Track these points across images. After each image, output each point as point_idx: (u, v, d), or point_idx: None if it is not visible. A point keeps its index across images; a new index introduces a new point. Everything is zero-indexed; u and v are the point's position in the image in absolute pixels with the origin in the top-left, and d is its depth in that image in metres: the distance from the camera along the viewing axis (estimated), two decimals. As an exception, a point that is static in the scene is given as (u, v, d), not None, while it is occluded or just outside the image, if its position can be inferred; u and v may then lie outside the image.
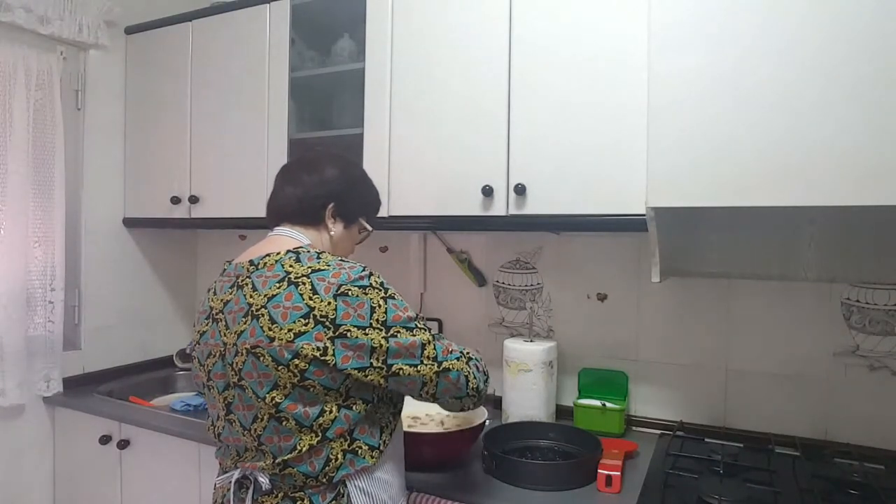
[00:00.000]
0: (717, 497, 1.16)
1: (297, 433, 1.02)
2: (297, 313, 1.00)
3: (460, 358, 1.09)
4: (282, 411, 1.01)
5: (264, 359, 1.00)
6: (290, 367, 0.99)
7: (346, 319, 1.00)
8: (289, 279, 1.04)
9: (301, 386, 1.00)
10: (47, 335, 1.90)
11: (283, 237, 1.16)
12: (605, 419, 1.60)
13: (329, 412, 1.02)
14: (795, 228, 1.49)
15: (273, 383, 1.01)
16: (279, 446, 1.03)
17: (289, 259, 1.07)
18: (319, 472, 1.02)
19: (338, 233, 1.21)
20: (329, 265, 1.05)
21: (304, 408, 1.01)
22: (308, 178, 1.20)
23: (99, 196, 2.10)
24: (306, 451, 1.01)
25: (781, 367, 1.54)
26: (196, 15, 1.99)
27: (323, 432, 1.02)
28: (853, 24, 1.01)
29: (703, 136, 1.12)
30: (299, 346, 0.98)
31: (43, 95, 1.88)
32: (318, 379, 1.00)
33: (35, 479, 1.92)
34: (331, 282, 1.02)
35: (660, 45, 1.15)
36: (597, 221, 1.40)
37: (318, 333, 0.99)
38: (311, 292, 1.01)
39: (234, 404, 1.07)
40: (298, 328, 0.99)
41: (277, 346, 0.99)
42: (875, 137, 0.99)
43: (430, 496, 1.25)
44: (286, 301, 1.01)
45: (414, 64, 1.61)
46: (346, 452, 1.04)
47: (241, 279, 1.09)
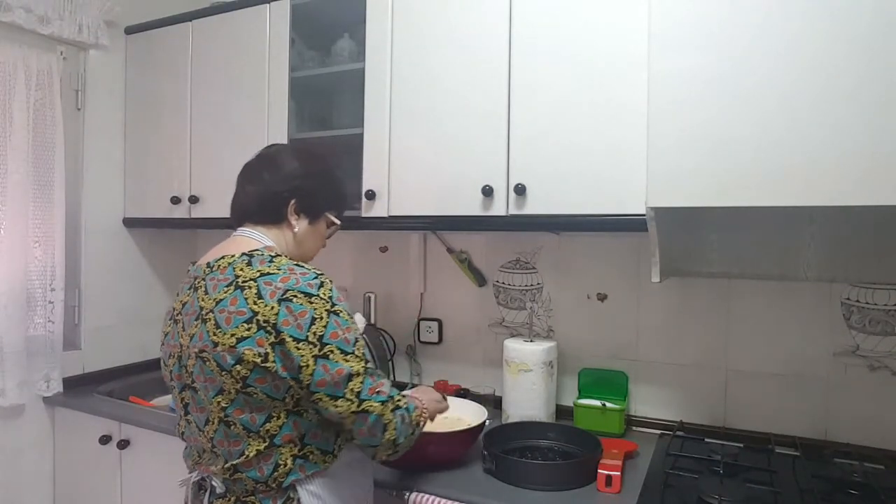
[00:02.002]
0: (717, 497, 1.16)
1: (245, 438, 1.00)
2: (241, 318, 0.98)
3: (386, 402, 1.02)
4: (229, 416, 1.00)
5: (209, 363, 0.99)
6: (233, 372, 0.97)
7: (286, 327, 0.97)
8: (236, 283, 1.01)
9: (244, 392, 0.98)
10: (47, 335, 1.90)
11: (243, 238, 1.13)
12: (605, 419, 1.60)
13: (276, 418, 1.00)
14: (795, 228, 1.49)
15: (218, 388, 1.00)
16: (229, 451, 1.02)
17: (241, 262, 1.05)
18: (268, 478, 1.01)
19: (302, 229, 1.17)
20: (280, 269, 1.02)
21: (251, 413, 1.00)
22: (267, 174, 1.16)
23: (99, 196, 2.10)
24: (254, 457, 1.00)
25: (781, 367, 1.54)
26: (196, 15, 1.99)
27: (270, 438, 1.00)
28: (853, 24, 1.01)
29: (703, 136, 1.12)
30: (241, 352, 0.97)
31: (43, 95, 1.88)
32: (261, 387, 0.98)
33: (35, 479, 1.92)
34: (277, 286, 0.99)
35: (660, 45, 1.15)
36: (597, 221, 1.40)
37: (259, 339, 0.97)
38: (256, 296, 0.99)
39: (190, 405, 1.07)
40: (241, 333, 0.97)
41: (221, 351, 0.98)
42: (875, 137, 0.99)
43: (430, 496, 1.25)
44: (231, 305, 0.99)
45: (414, 64, 1.61)
46: (295, 458, 1.02)
47: (198, 281, 1.08)
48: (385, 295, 2.07)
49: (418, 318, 2.01)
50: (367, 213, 1.66)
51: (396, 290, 2.05)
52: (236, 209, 1.18)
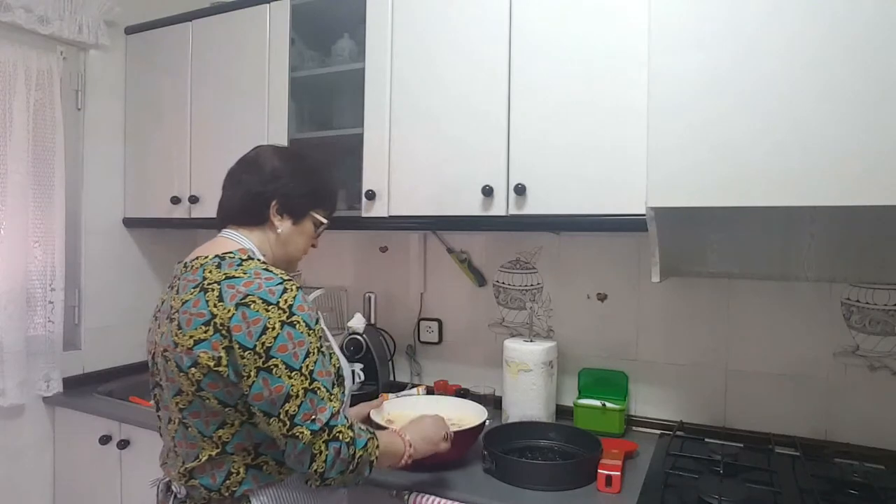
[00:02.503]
0: (717, 497, 1.16)
1: (199, 441, 1.00)
2: (200, 320, 0.97)
3: (318, 431, 0.95)
4: (185, 418, 1.01)
5: (170, 363, 1.00)
6: (189, 375, 0.97)
7: (237, 332, 0.94)
8: (202, 285, 1.00)
9: (199, 396, 0.98)
10: (47, 335, 1.90)
11: (224, 239, 1.12)
12: (605, 419, 1.60)
13: (230, 425, 0.99)
14: (795, 228, 1.48)
15: (177, 389, 1.00)
16: (186, 452, 1.02)
17: (211, 264, 1.03)
18: (220, 485, 0.99)
19: (286, 230, 1.14)
20: (245, 273, 1.00)
21: (205, 417, 0.99)
22: (248, 176, 1.14)
23: (99, 196, 2.10)
24: (207, 461, 0.99)
25: (781, 367, 1.53)
26: (196, 15, 1.99)
27: (223, 445, 0.99)
28: (853, 23, 1.01)
29: (703, 136, 1.12)
30: (197, 354, 0.96)
31: (43, 95, 1.88)
32: (213, 392, 0.96)
33: (35, 479, 1.92)
34: (239, 290, 0.97)
35: (660, 44, 1.15)
36: (597, 221, 1.40)
37: (215, 342, 0.95)
38: (217, 299, 0.97)
39: (160, 403, 1.10)
40: (199, 335, 0.96)
41: (179, 352, 0.98)
42: (875, 137, 0.99)
43: (430, 496, 1.24)
44: (193, 307, 0.98)
45: (414, 64, 1.61)
46: (248, 467, 1.00)
47: (175, 280, 1.09)
48: (385, 295, 2.07)
49: (418, 318, 2.01)
50: (367, 213, 1.66)
51: (396, 290, 2.05)
52: (220, 211, 1.18)
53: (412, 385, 1.94)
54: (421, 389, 1.83)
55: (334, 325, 2.06)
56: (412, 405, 1.57)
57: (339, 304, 2.09)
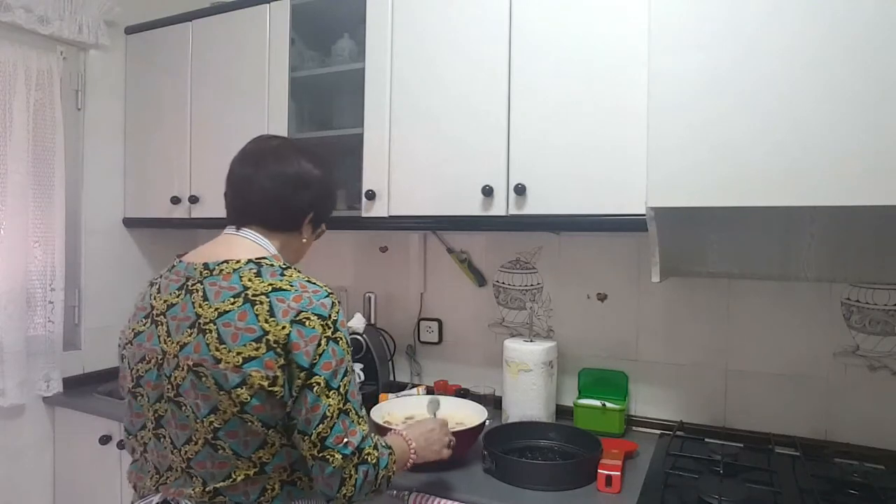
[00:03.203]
0: (717, 497, 1.16)
1: (233, 461, 0.93)
2: (250, 336, 0.90)
3: (350, 456, 0.93)
4: (219, 438, 0.92)
5: (206, 380, 0.91)
6: (232, 394, 0.90)
7: (295, 350, 0.91)
8: (245, 296, 0.93)
9: (240, 416, 0.91)
10: (47, 335, 1.90)
11: (245, 241, 1.05)
12: (605, 419, 1.60)
13: (271, 445, 0.94)
14: (795, 228, 1.48)
15: (212, 407, 0.91)
16: (212, 473, 0.94)
17: (249, 271, 0.97)
18: (254, 502, 0.95)
19: (308, 238, 1.15)
20: (292, 285, 0.95)
21: (245, 437, 0.92)
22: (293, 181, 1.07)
23: (99, 196, 2.10)
24: (241, 482, 0.93)
25: (781, 367, 1.54)
26: (196, 15, 1.99)
27: (262, 465, 0.94)
28: (853, 23, 1.01)
29: (703, 135, 1.12)
30: (247, 373, 0.89)
31: (43, 95, 1.88)
32: (258, 415, 0.91)
33: (35, 479, 1.92)
34: (291, 305, 0.93)
35: (660, 44, 1.15)
36: (597, 221, 1.40)
37: (268, 360, 0.90)
38: (268, 314, 0.92)
39: (165, 419, 0.98)
40: (249, 352, 0.90)
41: (223, 370, 0.90)
42: (875, 137, 0.99)
43: (431, 496, 1.24)
44: (239, 321, 0.91)
45: (414, 64, 1.61)
46: (284, 484, 0.97)
47: (192, 283, 0.99)
48: (385, 295, 2.07)
49: (418, 318, 2.01)
50: (367, 213, 1.66)
51: (396, 290, 2.05)
52: (244, 207, 1.07)
53: (412, 385, 1.94)
54: (421, 389, 1.83)
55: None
56: (408, 403, 1.58)
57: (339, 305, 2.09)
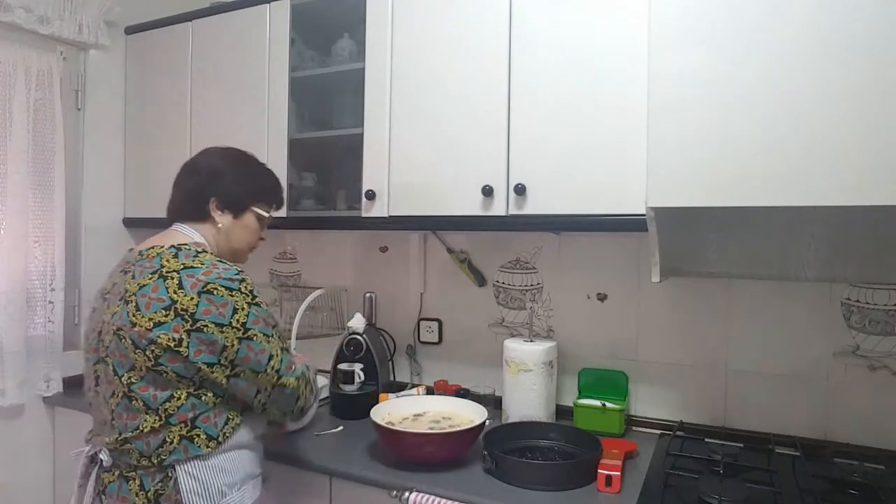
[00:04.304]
0: (717, 497, 1.16)
1: (142, 413, 1.08)
2: (160, 304, 1.07)
3: (299, 377, 1.18)
4: (133, 392, 1.08)
5: (125, 341, 1.08)
6: (147, 351, 1.06)
7: (206, 315, 1.06)
8: (161, 272, 1.10)
9: (154, 370, 1.06)
10: (47, 335, 1.90)
11: (176, 232, 1.24)
12: (605, 419, 1.60)
13: (178, 398, 1.08)
14: (795, 228, 1.48)
15: (131, 365, 1.08)
16: (125, 423, 1.09)
17: (168, 254, 1.14)
18: (152, 453, 1.08)
19: (227, 224, 1.26)
20: (203, 264, 1.12)
21: (155, 391, 1.07)
22: (187, 177, 1.27)
23: (99, 196, 2.10)
24: (147, 431, 1.08)
25: (781, 367, 1.54)
26: (196, 15, 1.99)
27: (167, 417, 1.08)
28: (853, 23, 1.01)
29: (703, 136, 1.12)
30: (156, 335, 1.05)
31: (43, 95, 1.88)
32: (172, 366, 1.06)
33: (35, 479, 1.92)
34: (199, 279, 1.09)
35: (660, 44, 1.15)
36: (597, 221, 1.40)
37: (176, 325, 1.05)
38: (177, 287, 1.08)
39: (100, 378, 1.15)
40: (159, 318, 1.06)
41: (137, 332, 1.06)
42: (875, 137, 0.99)
43: (430, 496, 1.24)
44: (153, 293, 1.08)
45: (414, 64, 1.61)
46: (182, 438, 1.09)
47: (128, 266, 1.18)
48: (385, 295, 2.07)
49: (418, 318, 2.01)
50: (367, 213, 1.66)
51: (396, 290, 2.05)
52: (168, 211, 1.30)
53: (412, 385, 1.94)
54: (421, 389, 1.83)
55: (334, 325, 2.06)
56: (411, 402, 1.59)
57: (339, 304, 2.09)
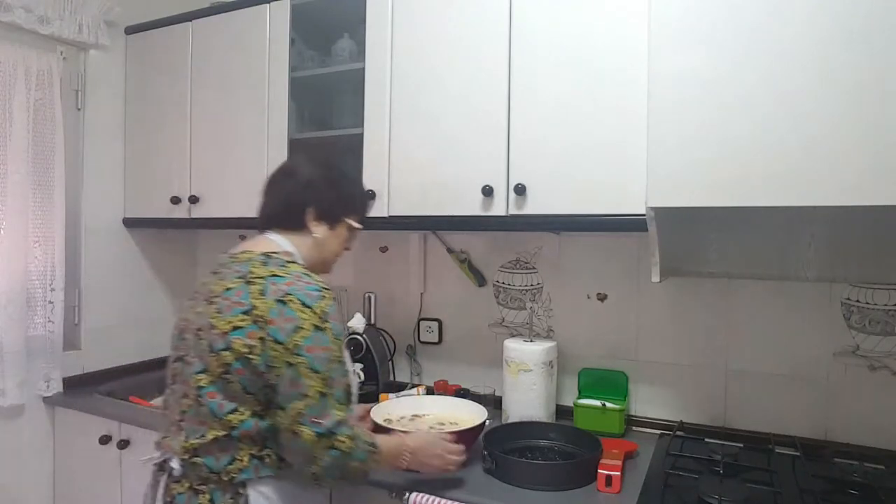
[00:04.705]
0: (717, 497, 1.16)
1: (209, 420, 1.05)
2: (240, 309, 1.05)
3: (321, 436, 1.02)
4: (202, 396, 1.06)
5: (203, 342, 1.07)
6: (220, 356, 1.03)
7: (271, 325, 1.03)
8: (247, 278, 1.09)
9: (224, 378, 1.04)
10: (47, 335, 1.90)
11: (265, 239, 1.21)
12: (605, 419, 1.60)
13: (241, 413, 1.05)
14: (795, 228, 1.48)
15: (203, 366, 1.06)
16: (193, 428, 1.07)
17: (258, 260, 1.12)
18: (222, 469, 1.05)
19: (322, 235, 1.23)
20: (289, 274, 1.09)
21: (222, 399, 1.05)
22: (286, 184, 1.24)
23: (99, 196, 2.10)
24: (212, 441, 1.04)
25: (781, 367, 1.53)
26: (196, 15, 1.99)
27: (230, 429, 1.04)
28: (853, 23, 1.01)
29: (703, 135, 1.12)
30: (231, 339, 1.03)
31: (43, 95, 1.87)
32: (239, 377, 1.03)
33: (35, 479, 1.92)
34: (280, 287, 1.06)
35: (660, 44, 1.15)
36: (597, 221, 1.40)
37: (251, 331, 1.03)
38: (259, 293, 1.05)
39: (176, 376, 1.14)
40: (237, 322, 1.04)
41: (215, 334, 1.05)
42: (875, 137, 0.99)
43: (430, 496, 1.24)
44: (235, 296, 1.07)
45: (414, 64, 1.61)
46: (252, 457, 1.06)
47: (220, 268, 1.17)
48: (385, 295, 2.07)
49: (418, 318, 2.01)
50: (367, 213, 1.66)
51: (396, 290, 2.05)
52: (261, 217, 1.25)
53: (412, 385, 1.94)
54: (421, 389, 1.83)
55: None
56: (410, 401, 1.59)
57: (340, 304, 2.08)
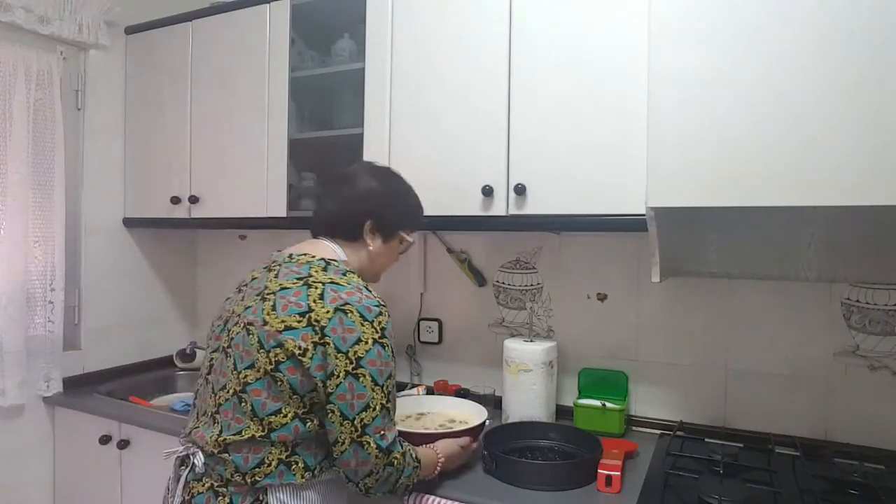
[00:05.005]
0: (717, 497, 1.16)
1: (248, 418, 1.04)
2: (297, 310, 1.04)
3: (382, 451, 1.05)
4: (246, 392, 1.04)
5: (252, 337, 1.05)
6: (270, 353, 1.02)
7: (333, 334, 1.02)
8: (307, 280, 1.08)
9: (272, 375, 1.02)
10: (47, 335, 1.90)
11: (323, 244, 1.21)
12: (605, 419, 1.60)
13: (284, 415, 1.03)
14: (795, 228, 1.48)
15: (251, 363, 1.04)
16: (229, 423, 1.06)
17: (318, 265, 1.12)
18: (248, 471, 1.03)
19: (377, 247, 1.23)
20: (349, 284, 1.09)
21: (266, 398, 1.03)
22: (345, 193, 1.23)
23: (99, 196, 2.10)
24: (247, 440, 1.03)
25: (781, 367, 1.53)
26: (196, 15, 1.99)
27: (269, 430, 1.03)
28: (853, 23, 1.01)
29: (704, 135, 1.12)
30: (284, 338, 1.02)
31: (43, 95, 1.87)
32: (290, 376, 1.02)
33: (35, 479, 1.92)
34: (341, 296, 1.06)
35: (660, 44, 1.15)
36: (597, 221, 1.40)
37: (305, 334, 1.02)
38: (318, 297, 1.05)
39: (215, 367, 1.13)
40: (291, 322, 1.03)
41: (266, 331, 1.04)
42: (875, 137, 0.99)
43: (430, 496, 1.24)
44: (293, 297, 1.06)
45: (414, 64, 1.61)
46: (280, 462, 1.04)
47: (274, 265, 1.16)
48: (385, 295, 2.04)
49: (418, 318, 2.01)
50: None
51: (396, 290, 2.05)
52: (316, 223, 1.25)
53: (412, 385, 1.94)
54: (421, 389, 1.83)
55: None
56: (410, 401, 1.59)
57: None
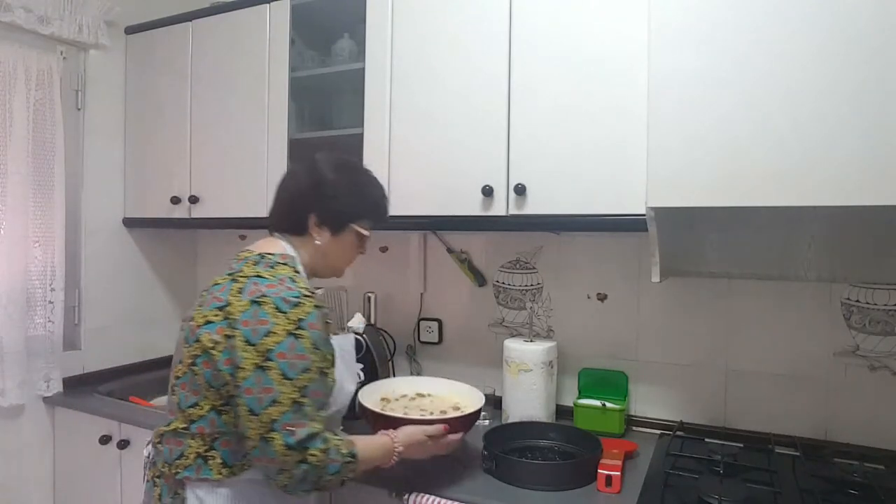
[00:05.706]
0: (717, 497, 1.16)
1: (177, 411, 1.07)
2: (216, 304, 1.05)
3: (291, 448, 0.96)
4: (175, 386, 1.09)
5: (182, 333, 1.09)
6: (191, 348, 1.05)
7: (244, 326, 1.00)
8: (235, 276, 1.09)
9: (191, 370, 1.05)
10: (47, 335, 1.90)
11: (273, 241, 1.19)
12: (605, 419, 1.60)
13: (201, 408, 1.04)
14: (795, 228, 1.48)
15: (180, 358, 1.08)
16: (167, 415, 1.11)
17: (252, 260, 1.12)
18: (172, 462, 1.06)
19: (325, 241, 1.18)
20: (274, 277, 1.06)
21: (187, 392, 1.06)
22: (288, 187, 1.21)
23: (99, 196, 2.10)
24: (172, 431, 1.06)
25: (781, 367, 1.53)
26: (196, 15, 1.99)
27: (190, 423, 1.05)
28: (854, 23, 1.01)
29: (704, 135, 1.12)
30: (200, 333, 1.03)
31: (43, 95, 1.87)
32: (204, 370, 1.03)
33: (35, 479, 1.92)
34: (259, 288, 1.03)
35: (660, 44, 1.15)
36: (597, 221, 1.40)
37: (220, 327, 1.02)
38: (238, 291, 1.04)
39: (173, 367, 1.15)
40: (210, 317, 1.04)
41: (190, 326, 1.06)
42: (875, 137, 0.99)
43: (430, 496, 1.24)
44: (218, 292, 1.07)
45: (414, 64, 1.61)
46: (198, 456, 1.04)
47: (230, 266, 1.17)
48: (385, 295, 2.07)
49: (418, 318, 2.01)
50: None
51: (396, 290, 2.05)
52: (269, 218, 1.24)
53: (412, 385, 1.93)
54: (421, 389, 1.83)
55: (334, 325, 2.06)
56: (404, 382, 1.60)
57: (339, 304, 2.08)
